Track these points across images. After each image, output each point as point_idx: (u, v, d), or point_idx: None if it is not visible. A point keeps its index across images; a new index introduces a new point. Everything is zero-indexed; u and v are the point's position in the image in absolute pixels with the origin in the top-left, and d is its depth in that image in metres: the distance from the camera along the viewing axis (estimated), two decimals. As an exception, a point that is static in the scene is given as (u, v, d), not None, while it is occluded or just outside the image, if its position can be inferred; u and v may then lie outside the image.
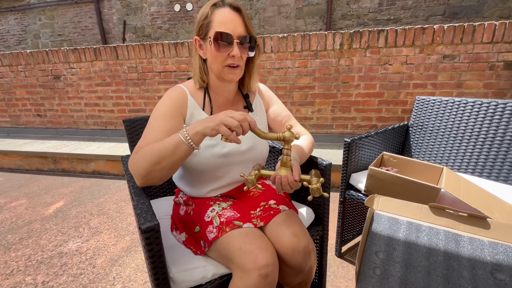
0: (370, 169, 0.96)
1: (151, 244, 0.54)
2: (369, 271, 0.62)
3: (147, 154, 0.64)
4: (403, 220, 0.70)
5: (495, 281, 0.53)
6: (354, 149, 1.12)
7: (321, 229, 0.89)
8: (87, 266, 1.33)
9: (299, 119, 2.49)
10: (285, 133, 0.66)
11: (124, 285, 1.20)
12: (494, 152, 1.08)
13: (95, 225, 1.70)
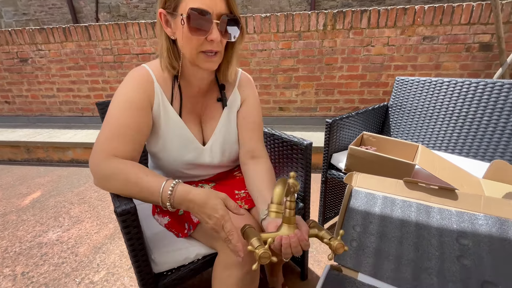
0: (350, 148, 0.98)
1: (129, 227, 0.53)
2: (347, 243, 0.65)
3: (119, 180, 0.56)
4: (379, 195, 0.72)
5: (459, 246, 0.57)
6: (335, 130, 1.13)
7: (303, 207, 0.91)
8: (69, 255, 1.30)
9: (284, 103, 2.49)
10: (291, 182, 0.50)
11: (109, 271, 1.19)
12: (465, 129, 1.13)
13: (76, 214, 1.65)
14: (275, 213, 0.44)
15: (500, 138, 1.05)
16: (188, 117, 0.73)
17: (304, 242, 0.51)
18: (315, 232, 0.55)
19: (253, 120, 0.78)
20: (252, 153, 0.77)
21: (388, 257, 0.60)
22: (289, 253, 0.51)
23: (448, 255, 0.57)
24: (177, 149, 0.72)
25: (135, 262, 0.56)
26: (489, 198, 0.62)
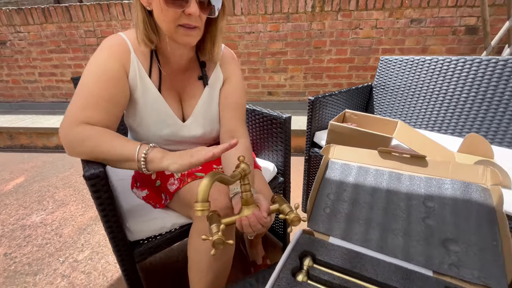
0: (330, 124, 0.99)
1: (99, 192, 0.53)
2: (320, 210, 0.67)
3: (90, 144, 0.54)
4: (354, 165, 0.74)
5: (425, 208, 0.59)
6: (318, 107, 1.14)
7: (283, 181, 0.92)
8: (53, 236, 1.29)
9: (272, 87, 2.47)
10: (242, 166, 0.52)
11: (94, 250, 1.19)
12: (445, 106, 1.16)
13: (61, 198, 1.64)
14: (201, 211, 0.43)
15: (476, 115, 1.07)
16: (167, 93, 0.72)
17: (262, 220, 0.53)
18: (276, 207, 0.57)
19: (234, 100, 0.77)
20: (232, 133, 0.76)
21: (358, 221, 0.62)
22: (250, 232, 0.54)
23: (414, 217, 0.59)
24: (156, 124, 0.71)
25: (108, 228, 0.56)
26: (457, 164, 0.64)
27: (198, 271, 0.60)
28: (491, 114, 1.03)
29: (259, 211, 0.53)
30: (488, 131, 1.04)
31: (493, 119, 1.02)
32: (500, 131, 1.01)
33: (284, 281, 0.49)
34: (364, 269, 0.51)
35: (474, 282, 0.47)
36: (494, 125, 1.02)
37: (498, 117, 1.01)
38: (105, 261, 1.13)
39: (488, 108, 1.03)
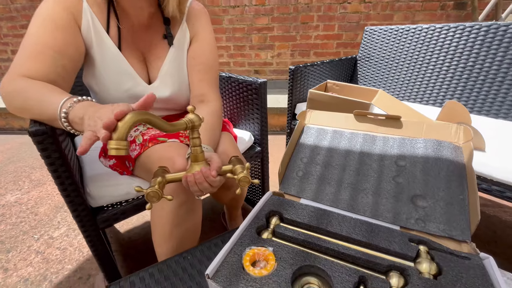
0: (310, 92, 0.95)
1: (47, 150, 0.48)
2: (293, 174, 0.65)
3: (21, 98, 0.48)
4: (329, 129, 0.72)
5: (397, 167, 0.58)
6: (299, 77, 1.10)
7: (261, 151, 0.90)
8: (28, 215, 1.25)
9: (259, 65, 2.40)
10: (190, 117, 0.47)
11: (70, 228, 1.16)
12: (427, 76, 1.14)
13: (38, 178, 1.58)
14: (115, 150, 0.36)
15: (457, 84, 1.06)
16: (129, 52, 0.66)
17: (210, 179, 0.48)
18: (229, 168, 0.52)
19: (202, 61, 0.71)
20: (202, 97, 0.71)
21: (330, 183, 0.61)
22: (196, 190, 0.50)
23: (385, 176, 0.57)
24: (116, 84, 0.66)
25: (63, 190, 0.53)
26: (431, 123, 0.62)
27: (160, 236, 0.57)
28: (471, 83, 1.01)
29: (207, 169, 0.49)
30: (468, 100, 1.03)
31: (473, 88, 1.01)
32: (479, 100, 1.00)
33: (248, 238, 0.47)
34: (330, 225, 0.49)
35: (439, 235, 0.46)
36: (474, 93, 1.01)
37: (478, 85, 1.00)
38: (82, 237, 1.10)
39: (469, 76, 1.02)
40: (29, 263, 0.98)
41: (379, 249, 0.44)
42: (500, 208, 1.15)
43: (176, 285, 0.43)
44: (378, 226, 0.49)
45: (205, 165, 0.50)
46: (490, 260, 0.39)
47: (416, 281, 0.37)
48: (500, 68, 0.95)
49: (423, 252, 0.42)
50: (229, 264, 0.42)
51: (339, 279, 0.38)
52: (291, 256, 0.43)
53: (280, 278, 0.39)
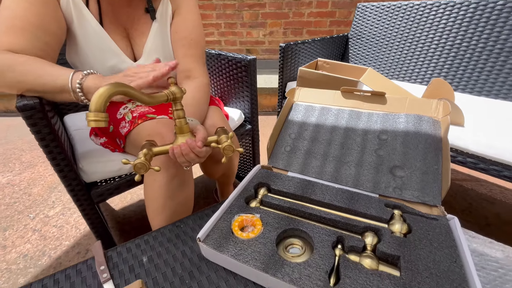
0: (300, 70, 0.96)
1: (37, 125, 0.49)
2: (281, 149, 0.67)
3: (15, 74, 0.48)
4: (317, 106, 0.73)
5: (379, 141, 0.61)
6: (290, 55, 1.09)
7: (251, 129, 0.91)
8: (21, 196, 1.26)
9: (251, 44, 2.35)
10: (171, 89, 0.48)
11: (65, 207, 1.18)
12: (417, 54, 1.15)
13: (28, 160, 1.57)
14: (94, 122, 0.37)
15: (444, 62, 1.07)
16: (111, 28, 0.65)
17: (196, 150, 0.49)
18: (214, 138, 0.53)
19: (186, 35, 0.69)
20: (187, 73, 0.70)
21: (316, 156, 0.63)
22: (183, 162, 0.51)
23: (368, 149, 0.60)
24: (100, 61, 0.65)
25: (56, 166, 0.54)
26: (413, 99, 0.64)
27: (154, 209, 0.60)
28: (458, 61, 1.03)
29: (192, 140, 0.50)
30: (454, 78, 1.06)
31: (459, 66, 1.03)
32: (464, 78, 1.03)
33: (237, 207, 0.50)
34: (314, 194, 0.53)
35: (414, 201, 0.50)
36: (460, 71, 1.04)
37: (464, 63, 1.02)
38: (78, 215, 1.12)
39: (456, 54, 1.04)
40: (26, 240, 1.01)
41: (357, 214, 0.47)
42: (477, 182, 1.22)
43: (170, 249, 0.47)
44: (358, 194, 0.52)
45: (191, 137, 0.51)
46: (455, 220, 0.43)
47: (388, 239, 0.41)
48: (486, 46, 0.96)
49: (397, 215, 0.46)
50: (219, 229, 0.45)
51: (319, 239, 0.41)
52: (277, 221, 0.46)
53: (266, 240, 0.42)
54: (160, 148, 0.50)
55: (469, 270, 0.34)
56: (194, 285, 0.40)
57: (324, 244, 0.40)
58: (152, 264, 0.44)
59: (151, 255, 0.46)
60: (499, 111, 0.85)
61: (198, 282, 0.41)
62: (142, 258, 0.45)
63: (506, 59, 0.92)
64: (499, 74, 0.94)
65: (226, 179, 0.85)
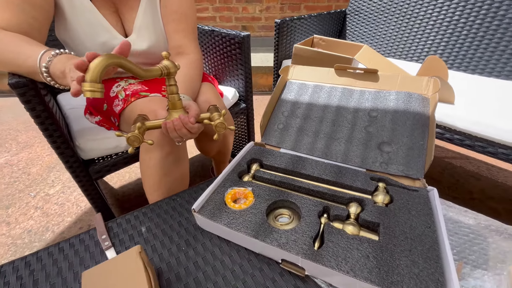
0: (295, 47, 0.94)
1: (31, 103, 0.49)
2: (274, 126, 0.69)
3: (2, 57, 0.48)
4: (310, 84, 0.74)
5: (369, 118, 0.62)
6: (285, 32, 1.07)
7: (246, 108, 0.92)
8: (21, 175, 1.28)
9: (247, 20, 2.27)
10: (165, 63, 0.47)
11: (65, 185, 1.21)
12: (414, 31, 1.13)
13: (24, 140, 1.57)
14: (90, 92, 0.37)
15: (441, 39, 1.06)
16: (101, 3, 0.63)
17: (188, 125, 0.50)
18: (207, 116, 0.54)
19: (175, 10, 0.67)
20: (179, 49, 0.70)
21: (308, 133, 0.65)
22: (176, 137, 0.52)
23: (358, 126, 0.62)
24: (90, 37, 0.64)
25: (53, 143, 0.55)
26: (405, 76, 0.65)
27: (151, 185, 0.62)
28: (455, 38, 1.02)
29: (185, 116, 0.50)
30: (449, 56, 1.05)
31: (455, 43, 1.02)
32: (459, 56, 1.02)
33: (230, 181, 0.52)
34: (304, 169, 0.55)
35: (398, 175, 0.53)
36: (455, 49, 1.03)
37: (460, 40, 1.01)
38: (78, 193, 1.16)
39: (453, 31, 1.02)
40: (29, 217, 1.05)
41: (343, 186, 0.50)
42: (466, 160, 1.26)
43: (167, 220, 0.50)
44: (346, 169, 0.55)
45: (183, 113, 0.52)
46: (434, 191, 0.46)
47: (370, 208, 0.44)
48: (482, 23, 0.95)
49: (381, 187, 0.49)
50: (213, 201, 0.47)
51: (306, 209, 0.44)
52: (268, 193, 0.48)
53: (257, 210, 0.45)
54: (153, 122, 0.51)
55: (441, 234, 0.37)
56: (190, 251, 0.44)
57: (310, 213, 0.43)
58: (150, 233, 0.47)
59: (149, 225, 0.49)
60: (490, 89, 0.86)
61: (194, 248, 0.44)
62: (141, 228, 0.48)
63: (502, 35, 0.92)
64: (494, 52, 0.94)
65: (222, 157, 0.87)
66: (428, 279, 0.32)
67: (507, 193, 1.05)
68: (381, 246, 0.37)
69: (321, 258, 0.36)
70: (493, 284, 0.33)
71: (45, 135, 0.54)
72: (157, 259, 0.43)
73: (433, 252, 0.35)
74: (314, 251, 0.37)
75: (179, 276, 0.40)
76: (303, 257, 0.36)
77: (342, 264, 0.35)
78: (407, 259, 0.35)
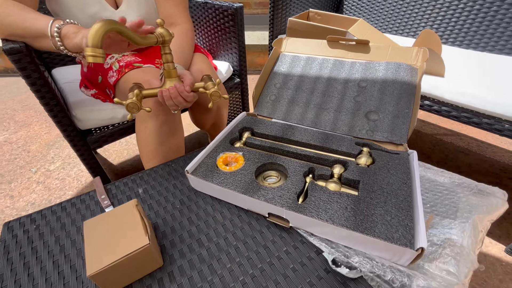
0: (289, 21, 0.94)
1: (26, 70, 0.50)
2: (266, 98, 0.70)
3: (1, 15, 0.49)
4: (303, 56, 0.74)
5: (358, 88, 0.64)
6: (280, 6, 1.05)
7: (240, 82, 0.93)
8: (20, 152, 1.31)
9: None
10: (159, 31, 0.48)
11: (65, 162, 1.24)
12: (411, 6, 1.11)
13: (22, 119, 1.58)
14: (92, 57, 0.39)
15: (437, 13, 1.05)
16: None
17: (184, 93, 0.52)
18: (201, 85, 0.55)
19: None
20: (169, 19, 0.70)
21: (299, 104, 0.67)
22: (172, 105, 0.53)
23: (347, 96, 0.64)
24: (81, 8, 0.64)
25: (50, 111, 0.57)
26: (396, 47, 0.66)
27: (147, 154, 0.64)
28: (451, 11, 1.01)
29: (181, 84, 0.52)
30: (445, 30, 1.04)
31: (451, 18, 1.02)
32: (455, 30, 1.02)
33: (222, 147, 0.55)
34: (293, 135, 0.57)
35: (383, 141, 0.55)
36: (451, 24, 1.02)
37: (456, 14, 1.00)
38: (78, 169, 1.19)
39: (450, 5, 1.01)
40: (32, 191, 1.08)
41: (330, 151, 0.53)
42: (457, 137, 1.29)
43: (162, 183, 0.52)
44: (334, 135, 0.57)
45: (178, 82, 0.53)
46: (414, 154, 0.48)
47: (352, 168, 0.47)
48: (480, -6, 0.94)
49: (364, 151, 0.52)
50: (205, 164, 0.50)
51: (293, 170, 0.47)
52: (257, 157, 0.51)
53: (246, 171, 0.47)
54: (150, 90, 0.53)
55: (415, 188, 0.40)
56: (184, 209, 0.47)
57: (296, 173, 0.46)
58: (147, 194, 0.50)
59: (146, 187, 0.52)
60: (481, 63, 0.86)
61: (188, 206, 0.47)
62: (138, 190, 0.51)
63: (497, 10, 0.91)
64: (489, 26, 0.94)
65: (217, 131, 0.89)
66: (398, 224, 0.35)
67: (493, 167, 1.08)
68: (359, 199, 0.40)
69: (304, 210, 0.39)
70: (458, 230, 0.37)
71: (42, 103, 0.55)
72: (154, 215, 0.46)
73: (405, 203, 0.38)
74: (298, 204, 0.40)
75: (174, 229, 0.43)
76: (287, 209, 0.39)
77: (322, 214, 0.38)
78: (381, 209, 0.38)
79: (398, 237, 0.34)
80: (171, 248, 0.40)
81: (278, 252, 0.39)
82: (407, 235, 0.34)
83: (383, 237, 0.34)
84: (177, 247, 0.41)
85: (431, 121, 1.41)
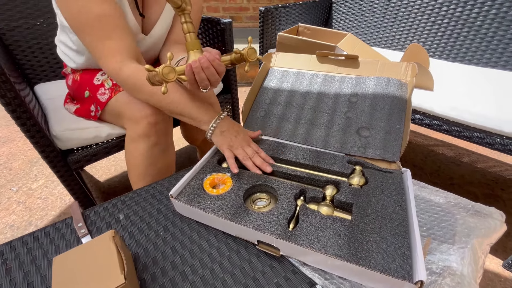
0: (279, 35, 0.94)
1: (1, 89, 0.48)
2: (256, 114, 0.68)
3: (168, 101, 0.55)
4: (293, 71, 0.74)
5: (349, 103, 0.63)
6: (270, 20, 1.06)
7: (230, 97, 0.91)
8: (1, 170, 1.25)
9: (235, 10, 2.23)
10: None
11: (48, 180, 1.18)
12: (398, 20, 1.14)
13: (5, 135, 1.52)
14: None
15: (424, 28, 1.07)
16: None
17: (216, 62, 0.46)
18: (229, 57, 0.50)
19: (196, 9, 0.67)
20: (178, 40, 0.71)
21: (289, 120, 0.65)
22: (203, 78, 0.46)
23: (338, 111, 0.63)
24: None
25: (27, 131, 0.54)
26: (385, 62, 0.65)
27: (136, 175, 0.62)
28: (437, 26, 1.03)
29: (209, 53, 0.46)
30: (431, 44, 1.06)
31: (437, 31, 1.04)
32: (441, 44, 1.04)
33: (209, 167, 0.52)
34: (284, 154, 0.55)
35: (375, 158, 0.54)
36: (437, 38, 1.04)
37: (442, 29, 1.02)
38: (62, 187, 1.13)
39: (435, 19, 1.03)
40: (11, 212, 1.02)
41: (321, 170, 0.51)
42: (448, 147, 1.30)
43: (145, 208, 0.49)
44: (325, 153, 0.55)
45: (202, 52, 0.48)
46: (407, 172, 0.47)
47: (345, 190, 0.45)
48: (463, 11, 0.96)
49: (357, 170, 0.50)
50: (191, 187, 0.47)
51: (284, 192, 0.45)
52: (246, 178, 0.49)
53: (234, 195, 0.45)
54: (180, 67, 0.46)
55: (410, 211, 0.38)
56: (168, 237, 0.44)
57: (287, 196, 0.44)
58: (128, 220, 0.47)
59: (128, 213, 0.48)
60: (468, 77, 0.88)
61: (172, 234, 0.44)
62: (119, 216, 0.48)
63: (481, 24, 0.93)
64: (473, 40, 0.96)
65: (208, 146, 0.86)
66: (395, 253, 0.33)
67: (485, 178, 1.08)
68: (353, 224, 0.38)
69: (295, 238, 0.37)
70: (458, 256, 0.35)
71: (18, 124, 0.52)
72: (134, 245, 0.43)
73: (401, 228, 0.36)
74: (288, 232, 0.38)
75: (156, 260, 0.40)
76: (277, 237, 0.37)
77: (314, 242, 0.36)
78: (376, 236, 0.36)
79: (395, 268, 0.31)
80: (152, 283, 0.37)
81: (268, 284, 0.36)
82: (404, 266, 0.32)
83: (379, 268, 0.31)
84: (158, 281, 0.37)
85: (422, 132, 1.42)
